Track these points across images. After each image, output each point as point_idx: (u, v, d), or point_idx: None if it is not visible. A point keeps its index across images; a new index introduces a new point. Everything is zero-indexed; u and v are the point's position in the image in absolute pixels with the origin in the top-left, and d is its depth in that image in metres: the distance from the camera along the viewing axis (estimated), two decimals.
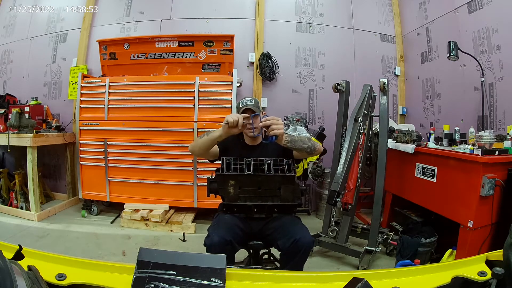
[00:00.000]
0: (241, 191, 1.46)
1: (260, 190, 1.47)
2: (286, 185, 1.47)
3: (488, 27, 2.63)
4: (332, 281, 0.65)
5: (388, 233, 2.42)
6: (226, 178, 1.45)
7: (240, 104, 1.63)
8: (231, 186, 1.45)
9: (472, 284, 0.67)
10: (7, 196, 3.36)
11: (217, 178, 1.49)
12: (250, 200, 1.47)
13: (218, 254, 0.62)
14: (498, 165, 1.84)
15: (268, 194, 1.47)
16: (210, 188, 1.50)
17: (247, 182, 1.46)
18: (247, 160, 1.50)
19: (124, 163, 3.09)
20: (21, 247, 0.60)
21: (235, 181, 1.45)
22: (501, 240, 0.71)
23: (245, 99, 1.64)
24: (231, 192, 1.46)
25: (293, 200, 1.50)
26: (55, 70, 3.86)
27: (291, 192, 1.49)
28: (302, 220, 1.57)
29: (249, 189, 1.46)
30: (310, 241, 1.40)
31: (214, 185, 1.49)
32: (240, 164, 1.49)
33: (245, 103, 1.61)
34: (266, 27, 3.70)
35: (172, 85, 3.03)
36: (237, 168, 1.47)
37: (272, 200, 1.48)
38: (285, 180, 1.47)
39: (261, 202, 1.47)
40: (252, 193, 1.47)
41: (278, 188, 1.47)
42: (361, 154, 2.38)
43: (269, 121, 1.38)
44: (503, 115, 2.54)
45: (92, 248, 2.49)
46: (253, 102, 1.62)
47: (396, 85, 3.84)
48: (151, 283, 0.55)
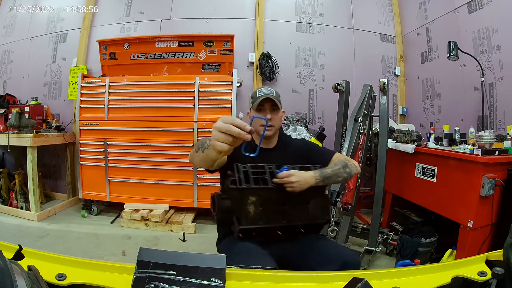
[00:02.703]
0: (263, 209, 1.10)
1: (285, 207, 1.14)
2: (316, 199, 1.19)
3: (488, 27, 2.63)
4: (332, 281, 0.65)
5: (388, 233, 2.42)
6: (245, 194, 1.08)
7: (257, 93, 1.31)
8: (251, 203, 1.08)
9: (472, 284, 0.67)
10: (7, 196, 3.36)
11: (232, 193, 1.07)
12: (273, 221, 1.13)
13: (218, 254, 0.62)
14: (498, 165, 1.84)
15: (294, 212, 1.16)
16: (220, 207, 1.08)
17: (271, 198, 1.12)
18: (268, 168, 1.15)
19: (124, 163, 3.09)
20: (21, 247, 0.60)
21: (257, 197, 1.09)
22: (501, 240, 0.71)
23: (263, 88, 1.33)
24: (250, 212, 1.09)
25: (322, 217, 1.22)
26: (55, 70, 3.86)
27: (321, 207, 1.21)
28: None
29: (273, 206, 1.12)
30: (358, 261, 1.21)
31: (226, 203, 1.08)
32: (261, 173, 1.14)
33: (264, 92, 1.29)
34: (266, 27, 3.70)
35: (172, 85, 3.03)
36: (259, 179, 1.11)
37: (299, 218, 1.17)
38: (316, 193, 1.18)
39: (287, 223, 1.14)
40: (276, 212, 1.13)
41: (307, 203, 1.18)
42: (361, 154, 2.38)
43: (278, 180, 1.10)
44: (503, 115, 2.54)
45: (92, 248, 2.49)
46: (273, 93, 1.30)
47: (396, 85, 3.84)
48: (151, 283, 0.55)
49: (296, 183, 1.09)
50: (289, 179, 1.08)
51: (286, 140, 1.41)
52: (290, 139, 1.44)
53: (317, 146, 1.44)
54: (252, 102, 1.32)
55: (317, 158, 1.33)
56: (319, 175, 1.16)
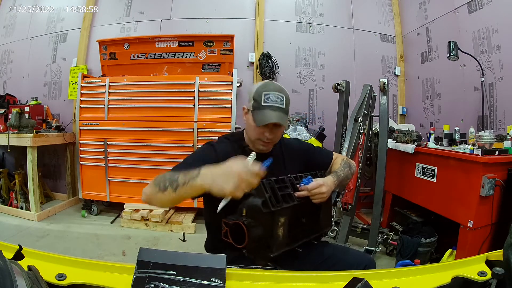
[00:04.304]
0: (289, 229, 0.95)
1: (304, 220, 1.02)
2: (326, 207, 1.11)
3: (488, 27, 2.63)
4: (332, 281, 0.65)
5: (388, 233, 2.42)
6: (275, 216, 0.89)
7: (262, 99, 1.03)
8: (281, 226, 0.91)
9: (472, 284, 0.67)
10: (7, 196, 3.36)
11: (263, 217, 0.86)
12: (296, 240, 0.98)
13: (218, 254, 0.62)
14: (498, 165, 1.84)
15: (310, 224, 1.05)
16: (253, 236, 0.85)
17: (294, 214, 0.97)
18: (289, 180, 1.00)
19: (124, 163, 3.08)
20: (21, 247, 0.60)
21: (285, 217, 0.92)
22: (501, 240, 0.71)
23: (271, 94, 1.04)
24: (280, 236, 0.91)
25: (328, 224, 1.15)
26: (55, 70, 3.86)
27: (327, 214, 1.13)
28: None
29: (295, 223, 0.98)
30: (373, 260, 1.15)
31: (258, 231, 0.86)
32: (284, 187, 0.96)
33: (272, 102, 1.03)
34: (266, 27, 3.70)
35: (172, 85, 3.03)
36: (285, 196, 0.94)
37: (313, 230, 1.07)
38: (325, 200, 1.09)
39: (306, 238, 1.02)
40: (298, 228, 1.00)
41: (318, 213, 1.08)
42: (361, 154, 2.38)
43: (308, 192, 0.99)
44: (503, 115, 2.54)
45: (92, 248, 2.49)
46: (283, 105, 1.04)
47: (396, 85, 3.84)
48: (151, 283, 0.55)
49: (327, 193, 1.01)
50: (320, 190, 0.99)
51: (281, 142, 1.24)
52: (284, 140, 1.28)
53: (311, 146, 1.32)
54: (253, 106, 1.06)
55: (316, 160, 1.25)
56: (336, 179, 1.09)
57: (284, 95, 1.07)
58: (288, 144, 1.26)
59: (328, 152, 1.32)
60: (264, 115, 1.02)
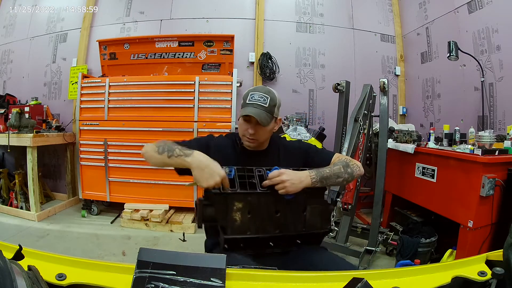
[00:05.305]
0: (251, 217, 0.99)
1: (279, 215, 1.03)
2: (314, 206, 1.08)
3: (488, 27, 2.63)
4: (332, 281, 0.65)
5: (388, 233, 2.42)
6: (229, 199, 0.98)
7: (248, 97, 1.14)
8: (238, 210, 0.98)
9: (472, 284, 0.67)
10: (7, 196, 3.36)
11: (215, 199, 0.97)
12: (264, 231, 1.01)
13: (218, 254, 0.62)
14: (498, 165, 1.84)
15: (289, 220, 1.04)
16: (204, 214, 0.97)
17: (260, 204, 1.01)
18: (257, 170, 1.05)
19: (124, 163, 3.08)
20: (21, 247, 0.60)
21: (244, 203, 0.99)
22: (501, 240, 0.71)
23: (256, 93, 1.13)
24: (236, 220, 0.98)
25: (322, 226, 1.10)
26: (55, 70, 3.86)
27: (320, 215, 1.09)
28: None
29: (263, 214, 1.01)
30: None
31: (209, 211, 0.97)
32: (249, 176, 1.03)
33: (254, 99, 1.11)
34: (266, 27, 3.70)
35: (172, 85, 3.03)
36: (246, 183, 1.01)
37: (295, 227, 1.06)
38: (313, 198, 1.07)
39: (280, 232, 1.03)
40: (267, 220, 1.02)
41: (303, 210, 1.07)
42: (361, 154, 2.38)
43: (268, 181, 1.01)
44: (503, 115, 2.54)
45: (92, 248, 2.49)
46: (265, 104, 1.10)
47: (396, 85, 3.84)
48: (151, 283, 0.55)
49: (288, 181, 0.99)
50: (280, 178, 0.99)
51: (280, 142, 1.28)
52: (284, 141, 1.31)
53: (314, 146, 1.31)
54: (241, 105, 1.16)
55: (314, 159, 1.23)
56: (315, 174, 1.06)
57: (269, 96, 1.13)
58: (287, 145, 1.29)
59: (328, 152, 1.32)
60: (245, 110, 1.11)
